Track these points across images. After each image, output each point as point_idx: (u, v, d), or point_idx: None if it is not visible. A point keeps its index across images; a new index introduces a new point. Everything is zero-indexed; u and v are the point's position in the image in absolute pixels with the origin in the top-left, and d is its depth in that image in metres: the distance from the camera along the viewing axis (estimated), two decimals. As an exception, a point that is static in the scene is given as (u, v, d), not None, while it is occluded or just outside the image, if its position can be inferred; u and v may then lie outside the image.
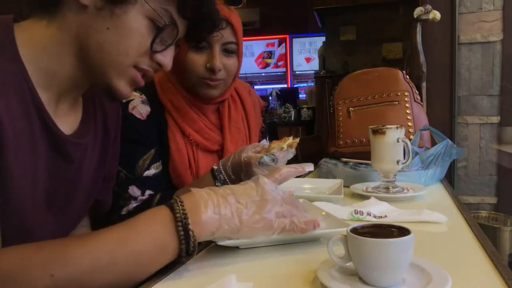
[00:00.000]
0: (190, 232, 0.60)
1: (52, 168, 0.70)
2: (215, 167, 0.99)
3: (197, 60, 1.08)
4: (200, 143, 1.12)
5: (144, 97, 1.10)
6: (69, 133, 0.73)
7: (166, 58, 0.74)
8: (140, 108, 1.08)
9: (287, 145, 0.95)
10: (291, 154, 0.97)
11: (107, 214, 1.01)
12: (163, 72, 1.17)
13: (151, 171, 1.07)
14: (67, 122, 0.74)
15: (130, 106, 1.07)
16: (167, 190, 1.08)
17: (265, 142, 1.36)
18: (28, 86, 0.64)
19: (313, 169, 0.87)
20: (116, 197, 1.03)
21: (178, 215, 0.60)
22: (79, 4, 0.65)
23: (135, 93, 1.09)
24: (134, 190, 1.04)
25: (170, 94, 1.13)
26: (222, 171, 0.98)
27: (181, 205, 0.61)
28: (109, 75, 0.69)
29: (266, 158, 0.93)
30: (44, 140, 0.67)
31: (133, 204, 1.04)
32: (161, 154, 1.10)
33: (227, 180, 0.98)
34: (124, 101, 1.08)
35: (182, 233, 0.59)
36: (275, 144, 0.95)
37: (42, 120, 0.66)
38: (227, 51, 1.10)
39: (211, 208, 0.62)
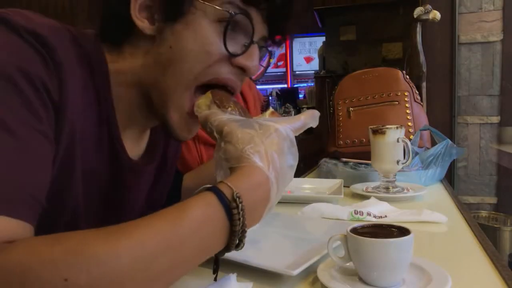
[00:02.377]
0: (242, 244, 0.51)
1: (107, 192, 0.67)
2: None
3: None
4: (202, 136, 1.13)
5: None
6: (134, 158, 0.70)
7: (249, 60, 0.63)
8: None
9: (269, 114, 0.97)
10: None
11: None
12: None
13: None
14: (133, 147, 0.71)
15: None
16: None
17: None
18: (106, 109, 0.62)
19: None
20: None
21: (236, 227, 0.49)
22: (144, 35, 0.61)
23: None
24: None
25: None
26: None
27: (241, 215, 0.49)
28: (167, 104, 0.63)
29: None
30: (109, 164, 0.65)
31: None
32: None
33: None
34: None
35: (235, 243, 0.51)
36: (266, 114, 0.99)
37: (114, 149, 0.64)
38: None
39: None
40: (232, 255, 0.64)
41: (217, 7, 0.60)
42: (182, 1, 0.59)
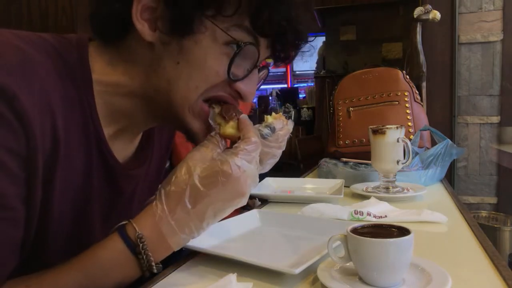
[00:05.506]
0: (154, 268, 0.58)
1: (104, 200, 0.68)
2: None
3: None
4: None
5: None
6: (122, 161, 0.70)
7: (248, 86, 0.64)
8: None
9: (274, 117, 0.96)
10: (290, 125, 0.98)
11: None
12: None
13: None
14: (122, 152, 0.71)
15: None
16: None
17: None
18: (92, 118, 0.61)
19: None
20: None
21: (142, 263, 0.57)
22: (145, 42, 0.59)
23: None
24: None
25: None
26: None
27: (144, 253, 0.56)
28: (183, 115, 0.63)
29: (262, 129, 0.94)
30: (100, 172, 0.65)
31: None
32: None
33: None
34: None
35: (146, 272, 0.58)
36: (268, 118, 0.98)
37: (102, 154, 0.64)
38: None
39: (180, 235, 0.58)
40: (233, 254, 0.65)
41: (227, 32, 0.59)
42: (193, 19, 0.58)
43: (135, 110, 0.65)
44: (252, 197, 1.19)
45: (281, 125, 0.88)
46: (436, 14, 1.66)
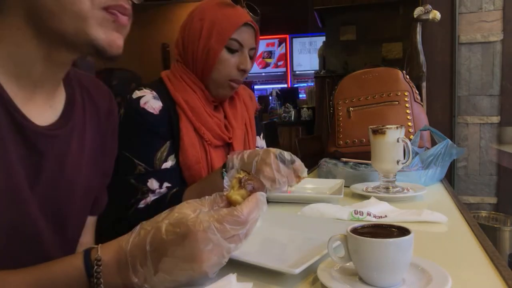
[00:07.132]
0: None
1: (27, 165, 0.63)
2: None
3: (231, 61, 1.13)
4: (212, 141, 1.15)
5: (154, 93, 1.11)
6: (45, 124, 0.65)
7: None
8: (152, 103, 1.09)
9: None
10: (304, 172, 1.00)
11: (120, 210, 1.03)
12: (171, 70, 1.20)
13: (168, 163, 1.09)
14: (43, 113, 0.66)
15: (142, 101, 1.08)
16: (180, 183, 1.11)
17: (259, 139, 1.39)
18: None
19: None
20: (132, 192, 1.05)
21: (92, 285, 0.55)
22: None
23: (145, 90, 1.11)
24: (153, 183, 1.06)
25: (184, 92, 1.15)
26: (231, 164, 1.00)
27: (95, 277, 0.55)
28: (82, 30, 0.57)
29: (285, 153, 0.94)
30: (13, 135, 0.60)
31: (151, 197, 1.05)
32: (173, 147, 1.12)
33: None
34: (134, 97, 1.08)
35: None
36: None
37: (11, 116, 0.59)
38: (250, 56, 1.16)
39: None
40: (233, 254, 0.65)
41: None
42: None
43: (33, 55, 0.61)
44: None
45: (300, 167, 0.92)
46: (436, 14, 1.66)
